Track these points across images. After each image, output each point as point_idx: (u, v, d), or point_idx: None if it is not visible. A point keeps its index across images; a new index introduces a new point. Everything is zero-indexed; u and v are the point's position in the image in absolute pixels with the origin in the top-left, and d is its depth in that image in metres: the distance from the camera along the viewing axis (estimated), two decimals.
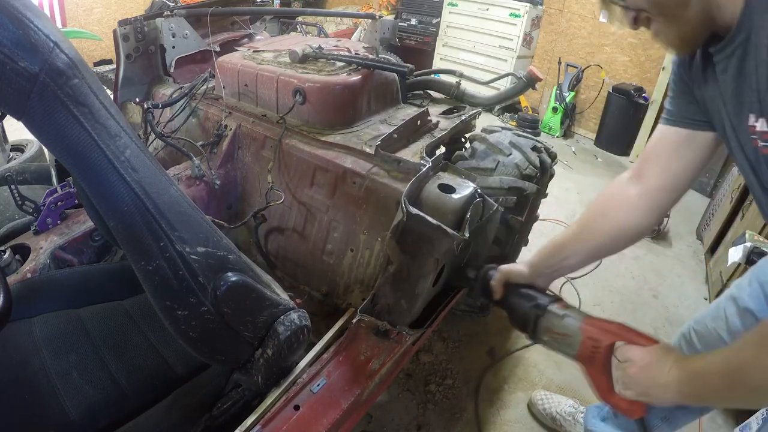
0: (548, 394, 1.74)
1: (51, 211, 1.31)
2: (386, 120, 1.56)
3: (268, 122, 1.55)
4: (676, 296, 2.54)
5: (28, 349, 0.94)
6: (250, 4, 2.26)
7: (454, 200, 1.22)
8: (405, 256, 1.21)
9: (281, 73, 1.51)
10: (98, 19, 4.90)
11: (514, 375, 1.90)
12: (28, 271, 1.17)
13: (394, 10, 5.42)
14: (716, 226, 2.80)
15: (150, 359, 0.98)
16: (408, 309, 1.26)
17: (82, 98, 0.59)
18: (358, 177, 1.35)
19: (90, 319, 1.03)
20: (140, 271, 0.68)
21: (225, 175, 1.60)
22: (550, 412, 1.68)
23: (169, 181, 0.70)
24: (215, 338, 0.76)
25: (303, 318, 0.88)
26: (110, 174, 0.62)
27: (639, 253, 2.90)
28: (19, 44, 0.52)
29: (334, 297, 1.46)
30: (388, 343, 1.20)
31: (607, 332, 0.92)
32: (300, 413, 0.96)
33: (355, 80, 1.48)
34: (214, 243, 0.72)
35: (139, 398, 0.90)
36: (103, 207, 0.66)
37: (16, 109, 0.55)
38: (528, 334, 1.04)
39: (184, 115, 1.70)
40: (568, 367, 1.98)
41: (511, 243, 1.64)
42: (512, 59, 4.65)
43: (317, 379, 1.03)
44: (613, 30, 4.46)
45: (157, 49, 1.84)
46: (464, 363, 1.91)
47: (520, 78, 1.91)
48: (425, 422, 1.65)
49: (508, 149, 1.55)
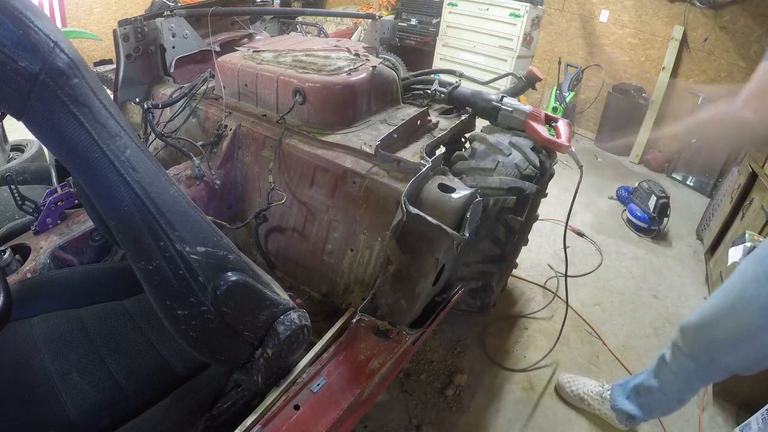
0: (573, 377, 1.82)
1: (51, 211, 1.31)
2: (386, 120, 1.56)
3: (268, 122, 1.55)
4: (676, 296, 2.54)
5: (28, 349, 0.94)
6: (250, 4, 2.26)
7: (454, 200, 1.22)
8: (405, 256, 1.21)
9: (281, 73, 1.51)
10: (98, 19, 4.90)
11: (513, 374, 1.90)
12: (28, 271, 1.18)
13: (394, 10, 5.41)
14: (716, 226, 2.80)
15: (150, 359, 0.98)
16: (408, 309, 1.26)
17: (82, 98, 0.59)
18: (358, 177, 1.35)
19: (90, 319, 1.03)
20: (140, 271, 0.68)
21: (225, 175, 1.60)
22: (578, 393, 1.76)
23: (169, 181, 0.70)
24: (215, 338, 0.76)
25: (303, 318, 0.88)
26: (110, 174, 0.62)
27: (639, 253, 2.90)
28: (19, 44, 0.52)
29: (334, 297, 1.46)
30: (388, 343, 1.20)
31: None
32: (300, 413, 0.96)
33: (355, 80, 1.48)
34: (214, 243, 0.72)
35: (139, 398, 0.90)
36: (103, 207, 0.66)
37: (16, 109, 0.55)
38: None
39: (184, 115, 1.70)
40: (568, 367, 1.98)
41: (511, 243, 1.64)
42: (512, 59, 4.64)
43: (317, 378, 1.03)
44: (613, 30, 4.46)
45: (157, 49, 1.84)
46: (464, 363, 1.91)
47: (520, 78, 1.91)
48: (425, 422, 1.66)
49: (507, 149, 1.55)
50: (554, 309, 2.28)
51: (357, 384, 1.08)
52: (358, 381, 1.09)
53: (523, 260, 2.43)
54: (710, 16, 3.91)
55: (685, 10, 4.00)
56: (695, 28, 4.01)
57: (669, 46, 4.12)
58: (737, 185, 2.71)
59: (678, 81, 4.01)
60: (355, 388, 1.07)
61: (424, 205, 1.23)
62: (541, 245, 2.77)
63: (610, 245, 2.94)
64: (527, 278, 2.47)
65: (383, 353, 1.17)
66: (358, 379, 1.09)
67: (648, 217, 3.04)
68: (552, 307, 2.30)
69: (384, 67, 1.62)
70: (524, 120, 1.59)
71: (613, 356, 2.06)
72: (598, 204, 3.46)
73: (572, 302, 2.29)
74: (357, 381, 1.09)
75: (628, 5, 4.33)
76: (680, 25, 4.03)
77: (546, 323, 2.20)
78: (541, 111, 1.62)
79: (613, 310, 2.36)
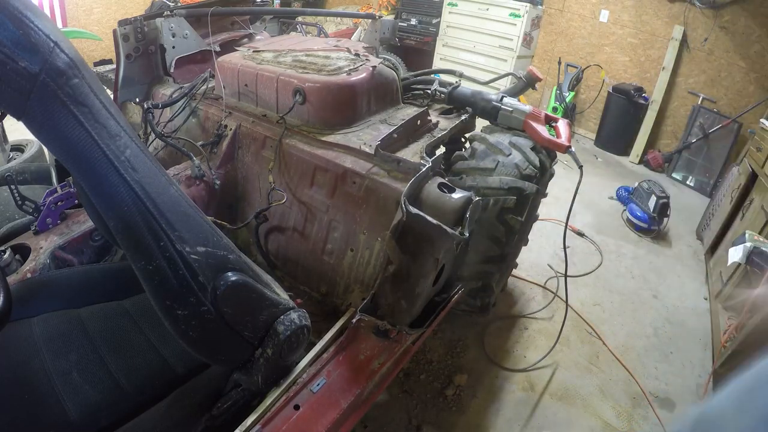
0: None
1: (51, 211, 1.31)
2: (386, 120, 1.56)
3: (268, 122, 1.55)
4: (676, 296, 2.54)
5: (28, 349, 0.94)
6: (250, 4, 2.26)
7: (453, 200, 1.22)
8: (405, 255, 1.21)
9: (281, 73, 1.51)
10: (98, 19, 4.90)
11: (513, 374, 1.90)
12: (28, 271, 1.18)
13: (394, 10, 5.41)
14: (716, 226, 2.80)
15: (150, 359, 0.98)
16: (408, 309, 1.26)
17: (82, 98, 0.59)
18: (358, 177, 1.35)
19: (90, 319, 1.03)
20: (140, 271, 0.68)
21: (225, 175, 1.60)
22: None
23: (169, 181, 0.70)
24: (215, 338, 0.76)
25: (303, 318, 0.88)
26: (110, 174, 0.62)
27: (639, 253, 2.90)
28: (19, 44, 0.52)
29: (334, 297, 1.46)
30: (388, 343, 1.20)
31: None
32: (300, 413, 0.96)
33: (355, 80, 1.48)
34: (214, 243, 0.72)
35: (139, 398, 0.90)
36: (103, 207, 0.66)
37: (16, 109, 0.55)
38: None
39: (184, 115, 1.70)
40: (568, 367, 1.98)
41: (511, 243, 1.64)
42: (512, 59, 4.65)
43: (317, 378, 1.03)
44: (613, 30, 4.46)
45: (157, 49, 1.84)
46: (464, 363, 1.91)
47: (520, 78, 1.91)
48: (425, 422, 1.66)
49: (507, 149, 1.55)
50: (554, 309, 2.28)
51: (357, 384, 1.08)
52: (358, 381, 1.09)
53: (523, 260, 2.43)
54: (710, 16, 3.91)
55: (685, 10, 4.00)
56: (695, 28, 4.01)
57: (669, 46, 4.12)
58: (737, 185, 2.71)
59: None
60: (355, 388, 1.07)
61: (424, 205, 1.23)
62: (541, 245, 2.77)
63: (610, 245, 2.94)
64: (527, 278, 2.47)
65: (383, 353, 1.17)
66: (358, 379, 1.09)
67: (648, 217, 3.04)
68: (552, 307, 2.30)
69: (384, 67, 1.62)
70: (524, 120, 1.59)
71: (613, 356, 2.06)
72: (598, 204, 3.46)
73: (572, 302, 2.29)
74: (357, 381, 1.09)
75: (628, 5, 4.33)
76: (680, 25, 4.03)
77: (546, 323, 2.20)
78: (541, 111, 1.62)
79: (613, 310, 2.36)
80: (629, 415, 1.80)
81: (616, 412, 1.80)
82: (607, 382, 1.93)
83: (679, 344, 2.19)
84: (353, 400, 1.05)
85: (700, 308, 2.46)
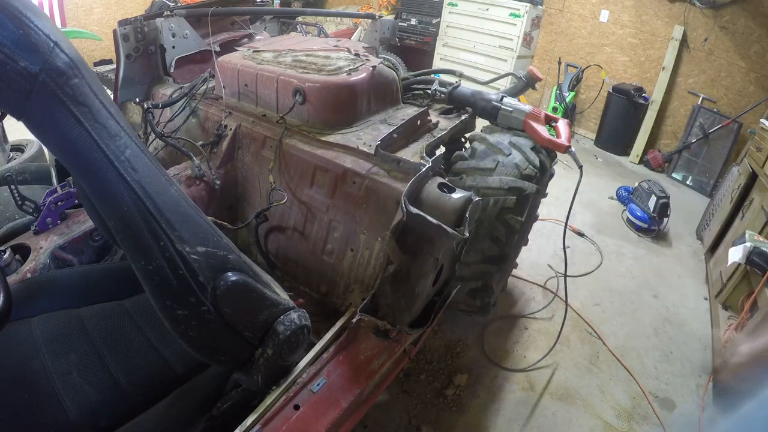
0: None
1: (51, 211, 1.31)
2: (386, 120, 1.56)
3: (268, 122, 1.55)
4: (676, 296, 2.54)
5: (28, 349, 0.94)
6: (250, 4, 2.26)
7: (453, 200, 1.22)
8: (405, 255, 1.21)
9: (281, 73, 1.51)
10: (98, 19, 4.90)
11: (513, 374, 1.90)
12: (28, 271, 1.17)
13: (394, 10, 5.41)
14: (716, 226, 2.80)
15: (150, 359, 0.98)
16: (408, 308, 1.26)
17: (82, 98, 0.59)
18: (358, 177, 1.35)
19: (90, 319, 1.03)
20: (140, 271, 0.68)
21: (225, 175, 1.60)
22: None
23: (169, 181, 0.70)
24: (215, 338, 0.76)
25: (303, 317, 0.87)
26: (110, 174, 0.62)
27: (639, 253, 2.90)
28: (19, 44, 0.52)
29: (333, 297, 1.46)
30: (388, 343, 1.20)
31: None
32: (300, 413, 0.96)
33: (355, 80, 1.48)
34: (214, 243, 0.72)
35: (138, 398, 0.90)
36: (103, 207, 0.66)
37: (16, 109, 0.55)
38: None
39: (184, 115, 1.70)
40: (568, 367, 1.98)
41: (511, 243, 1.64)
42: (512, 59, 4.65)
43: (317, 378, 1.03)
44: (613, 30, 4.46)
45: (157, 49, 1.84)
46: (464, 363, 1.91)
47: (520, 78, 1.91)
48: (425, 422, 1.66)
49: (507, 149, 1.55)
50: (554, 309, 2.28)
51: (357, 384, 1.08)
52: (358, 381, 1.09)
53: (523, 260, 2.43)
54: (710, 16, 3.91)
55: (685, 10, 4.00)
56: (695, 28, 4.01)
57: (669, 46, 4.12)
58: (737, 185, 2.71)
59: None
60: (355, 388, 1.07)
61: (424, 205, 1.23)
62: (541, 245, 2.77)
63: (610, 245, 2.94)
64: (527, 278, 2.47)
65: (383, 353, 1.17)
66: (358, 379, 1.09)
67: (648, 217, 3.04)
68: (552, 307, 2.30)
69: (384, 67, 1.62)
70: (524, 120, 1.59)
71: (613, 356, 2.06)
72: (598, 204, 3.46)
73: (572, 302, 2.29)
74: (357, 381, 1.09)
75: (628, 5, 4.33)
76: (680, 25, 4.03)
77: (546, 323, 2.20)
78: (541, 111, 1.62)
79: (613, 310, 2.36)
80: (629, 415, 1.80)
81: (616, 412, 1.80)
82: (607, 382, 1.93)
83: (679, 344, 2.19)
84: (353, 400, 1.05)
85: (700, 308, 2.46)
